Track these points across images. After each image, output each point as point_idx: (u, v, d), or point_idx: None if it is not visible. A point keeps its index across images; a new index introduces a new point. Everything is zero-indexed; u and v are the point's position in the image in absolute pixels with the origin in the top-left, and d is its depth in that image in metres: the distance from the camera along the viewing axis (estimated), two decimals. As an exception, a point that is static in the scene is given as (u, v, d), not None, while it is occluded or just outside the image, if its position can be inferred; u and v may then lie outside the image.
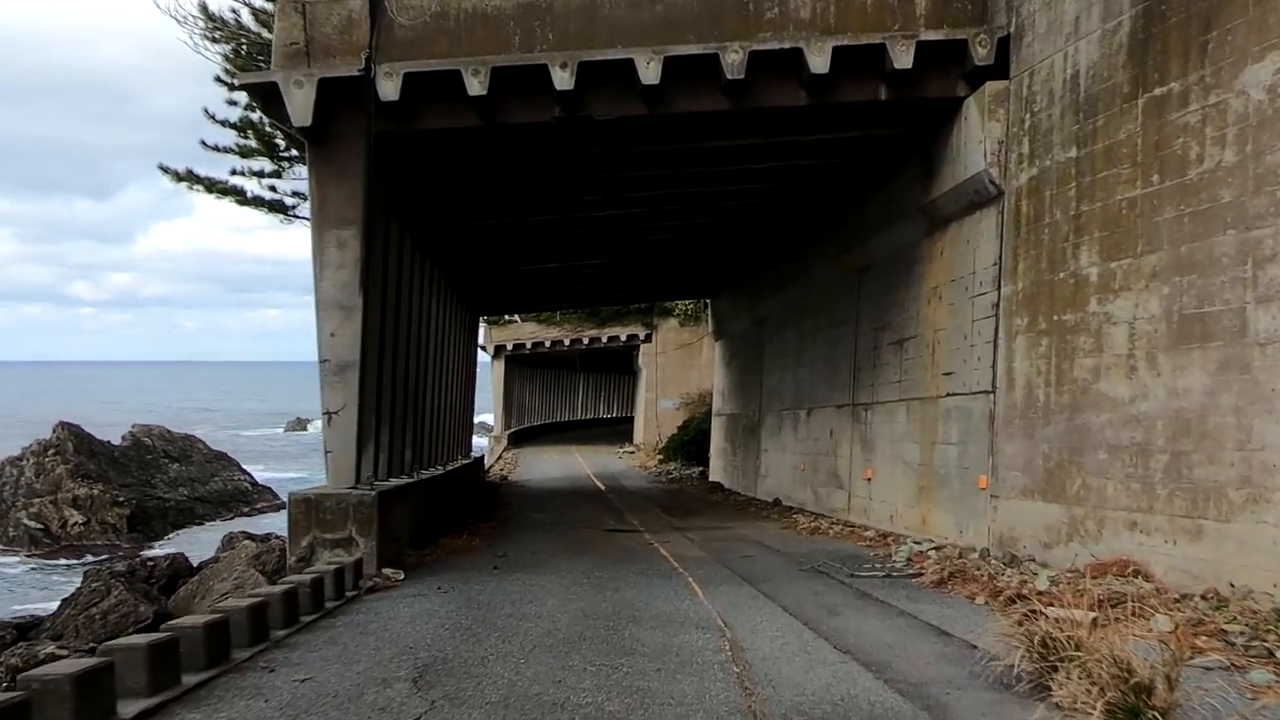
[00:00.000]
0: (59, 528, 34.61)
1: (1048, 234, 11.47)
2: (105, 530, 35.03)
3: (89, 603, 19.86)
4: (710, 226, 20.80)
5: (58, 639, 18.27)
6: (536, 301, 33.17)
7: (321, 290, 12.38)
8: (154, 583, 22.40)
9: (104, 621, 18.89)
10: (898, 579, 10.84)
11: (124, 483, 39.74)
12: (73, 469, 38.29)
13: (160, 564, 23.28)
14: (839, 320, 19.10)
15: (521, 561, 13.24)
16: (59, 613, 19.87)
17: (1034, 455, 11.50)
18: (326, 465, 12.61)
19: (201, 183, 24.19)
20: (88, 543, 33.51)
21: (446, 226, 18.69)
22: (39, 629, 19.51)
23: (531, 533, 17.02)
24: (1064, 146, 11.24)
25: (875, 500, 16.61)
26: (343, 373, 12.40)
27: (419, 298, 17.71)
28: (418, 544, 14.63)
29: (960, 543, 12.94)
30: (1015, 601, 8.48)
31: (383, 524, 12.19)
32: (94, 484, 37.68)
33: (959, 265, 13.75)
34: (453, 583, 11.36)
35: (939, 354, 14.31)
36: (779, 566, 12.24)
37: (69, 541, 33.55)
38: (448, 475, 20.35)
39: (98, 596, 20.10)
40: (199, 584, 19.79)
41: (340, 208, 12.32)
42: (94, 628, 18.52)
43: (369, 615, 9.31)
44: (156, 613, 18.82)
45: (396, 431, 15.76)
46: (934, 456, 14.25)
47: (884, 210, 16.18)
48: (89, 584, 20.59)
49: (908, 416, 15.37)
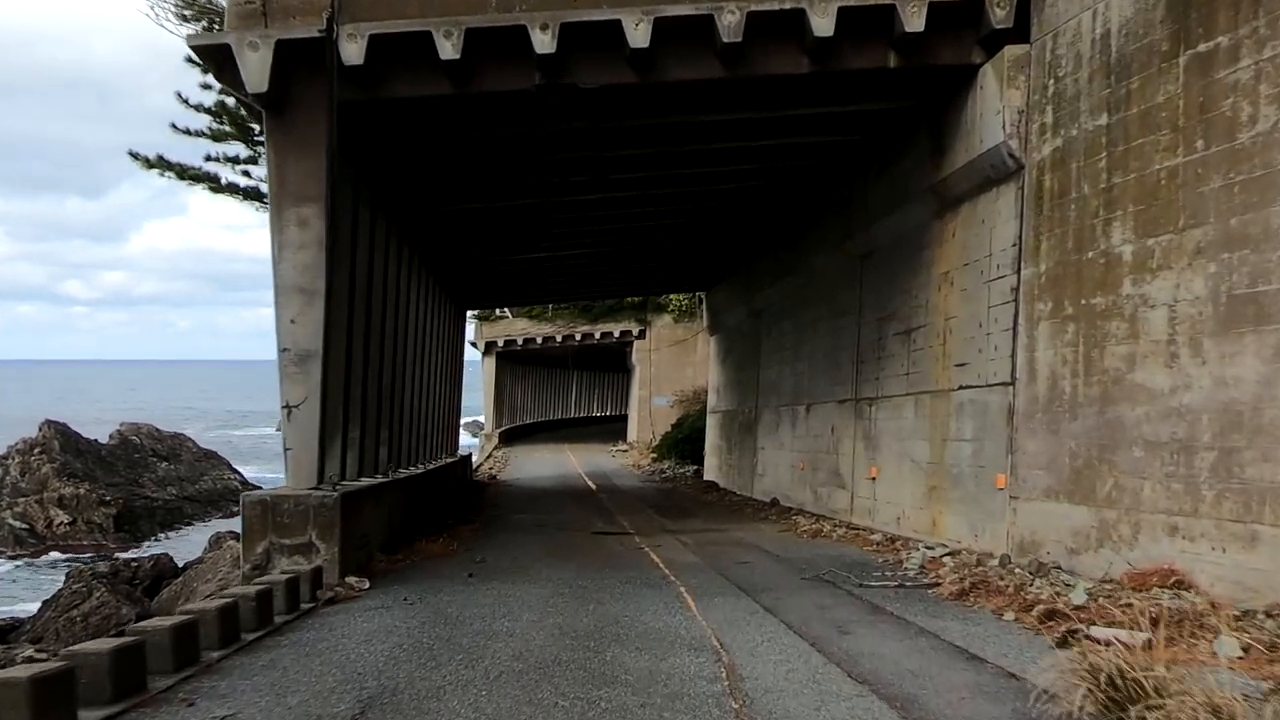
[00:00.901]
0: (44, 527, 34.18)
1: (1074, 210, 10.47)
2: (91, 530, 34.55)
3: (70, 605, 19.55)
4: (705, 212, 19.78)
5: (37, 642, 17.74)
6: (525, 294, 32.10)
7: (281, 273, 11.34)
8: (137, 584, 21.99)
9: (85, 624, 18.51)
10: (912, 590, 9.81)
11: (111, 482, 39.60)
12: (59, 468, 38.09)
13: (144, 565, 23.07)
14: (840, 310, 18.09)
15: (500, 568, 12.21)
16: (39, 615, 19.54)
17: (1059, 453, 10.50)
18: (286, 464, 11.58)
19: (173, 169, 23.07)
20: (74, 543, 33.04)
21: (425, 211, 17.65)
22: (18, 631, 19.26)
23: (514, 536, 15.99)
24: (1093, 114, 10.23)
25: (880, 501, 15.60)
26: (304, 363, 11.36)
27: (395, 286, 16.66)
28: (391, 548, 13.60)
29: (976, 547, 11.94)
30: (1051, 619, 7.47)
31: (347, 528, 11.16)
32: (80, 483, 37.42)
33: (973, 248, 12.75)
34: (422, 593, 10.33)
35: (951, 344, 13.30)
36: (779, 575, 11.22)
37: (55, 541, 33.11)
38: (428, 475, 19.31)
39: (79, 598, 19.78)
40: (183, 585, 19.36)
41: (301, 183, 11.28)
42: (74, 630, 18.10)
43: (320, 632, 8.27)
44: (139, 614, 18.61)
45: (369, 428, 14.72)
46: (945, 454, 13.25)
47: (889, 192, 15.17)
48: (70, 585, 20.26)
49: (916, 411, 14.36)
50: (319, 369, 11.38)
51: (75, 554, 31.21)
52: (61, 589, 20.36)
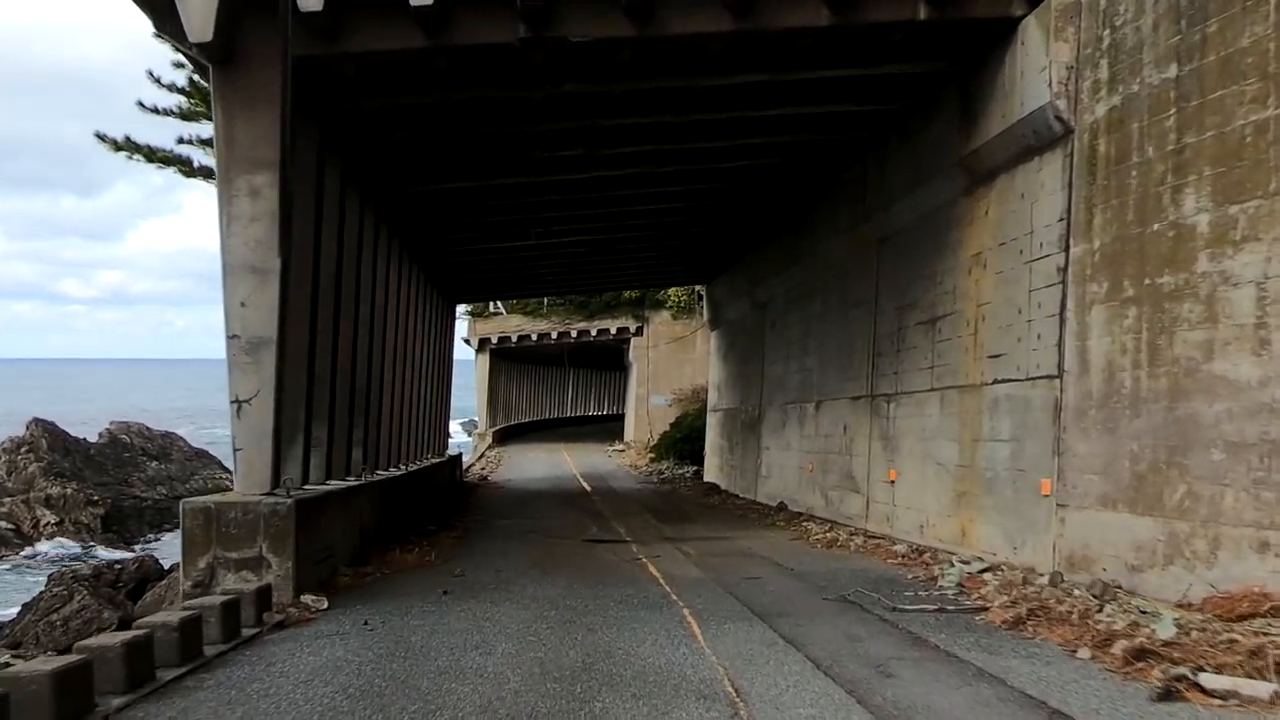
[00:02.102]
0: (31, 528, 33.77)
1: (1136, 177, 9.12)
2: (79, 530, 34.13)
3: (50, 608, 18.99)
4: (707, 195, 18.40)
5: (16, 646, 17.33)
6: (517, 287, 30.60)
7: (229, 249, 9.97)
8: (121, 587, 21.59)
9: (65, 628, 17.98)
10: (955, 615, 8.44)
11: (100, 481, 39.97)
12: (46, 467, 38.13)
13: (128, 567, 22.92)
14: (854, 300, 16.74)
15: (480, 583, 10.86)
16: (19, 619, 19.20)
17: (1117, 455, 9.16)
18: (235, 466, 10.22)
19: (140, 151, 21.71)
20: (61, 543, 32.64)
21: (406, 191, 16.29)
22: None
23: (500, 544, 14.64)
24: (1158, 65, 8.89)
25: (900, 507, 14.26)
26: (256, 352, 9.99)
27: (372, 270, 15.30)
28: (360, 559, 12.26)
29: (1015, 561, 10.60)
30: (1140, 659, 6.10)
31: (304, 539, 9.81)
32: (68, 483, 37.44)
33: (1010, 226, 11.40)
34: (387, 614, 8.99)
35: (983, 333, 11.96)
36: (797, 594, 9.85)
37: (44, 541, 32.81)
38: (409, 477, 17.95)
39: (59, 602, 19.19)
40: (168, 588, 18.79)
41: (252, 146, 9.90)
42: (54, 634, 17.67)
43: (255, 669, 6.91)
44: (121, 618, 18.27)
45: (339, 426, 13.37)
46: (977, 456, 11.91)
47: (912, 168, 13.83)
48: (51, 589, 19.78)
49: (942, 409, 13.02)
50: (273, 359, 10.01)
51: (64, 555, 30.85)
52: (42, 592, 19.86)
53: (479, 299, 38.70)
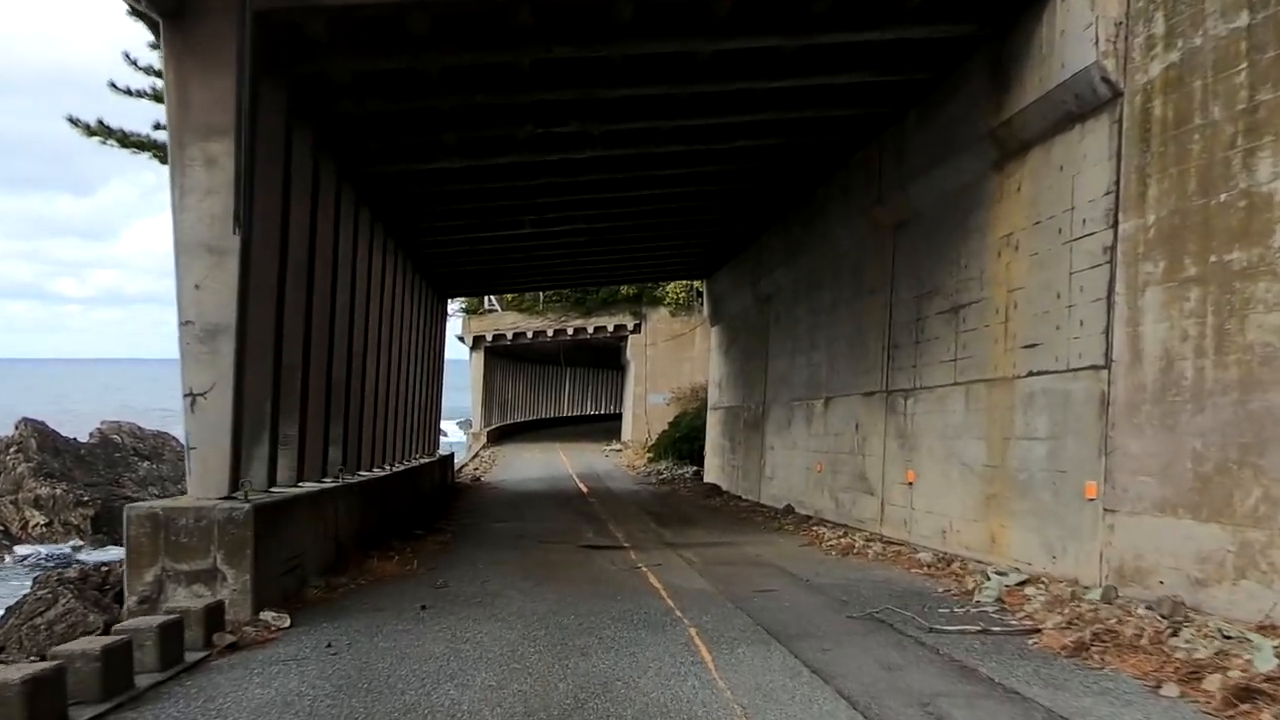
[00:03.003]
0: (19, 529, 33.31)
1: (1198, 141, 8.11)
2: (68, 531, 33.58)
3: (34, 612, 18.27)
4: (710, 177, 17.33)
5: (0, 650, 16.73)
6: (511, 280, 29.43)
7: (182, 225, 8.94)
8: (108, 590, 20.75)
9: (49, 632, 17.14)
10: (1003, 638, 7.41)
11: (90, 482, 39.95)
12: (35, 468, 37.58)
13: (115, 569, 21.66)
14: (867, 289, 15.72)
15: (463, 596, 9.84)
16: (1, 622, 18.44)
17: (1178, 454, 8.14)
18: (188, 467, 9.19)
19: (114, 136, 20.63)
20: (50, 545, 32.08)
21: (388, 172, 15.24)
22: (-21, 639, 18.35)
23: (489, 550, 13.60)
24: (1225, 14, 7.88)
25: (920, 510, 13.23)
26: (212, 339, 8.97)
27: (352, 256, 14.25)
28: (335, 568, 11.24)
29: (1055, 572, 9.59)
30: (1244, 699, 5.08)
31: (265, 548, 8.79)
32: (57, 483, 36.77)
33: (1047, 202, 10.38)
34: (355, 634, 7.96)
35: (1015, 322, 10.94)
36: (817, 610, 8.81)
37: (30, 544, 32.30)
38: (394, 478, 16.92)
39: (43, 605, 18.49)
40: None
41: (208, 110, 8.89)
42: (38, 639, 16.87)
43: (189, 707, 5.88)
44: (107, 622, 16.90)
45: (314, 423, 12.33)
46: (1008, 455, 10.89)
47: (933, 143, 12.80)
48: (36, 591, 18.99)
49: (967, 404, 12.00)
50: (232, 348, 8.99)
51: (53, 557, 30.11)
52: (26, 595, 19.02)
53: (472, 293, 37.57)
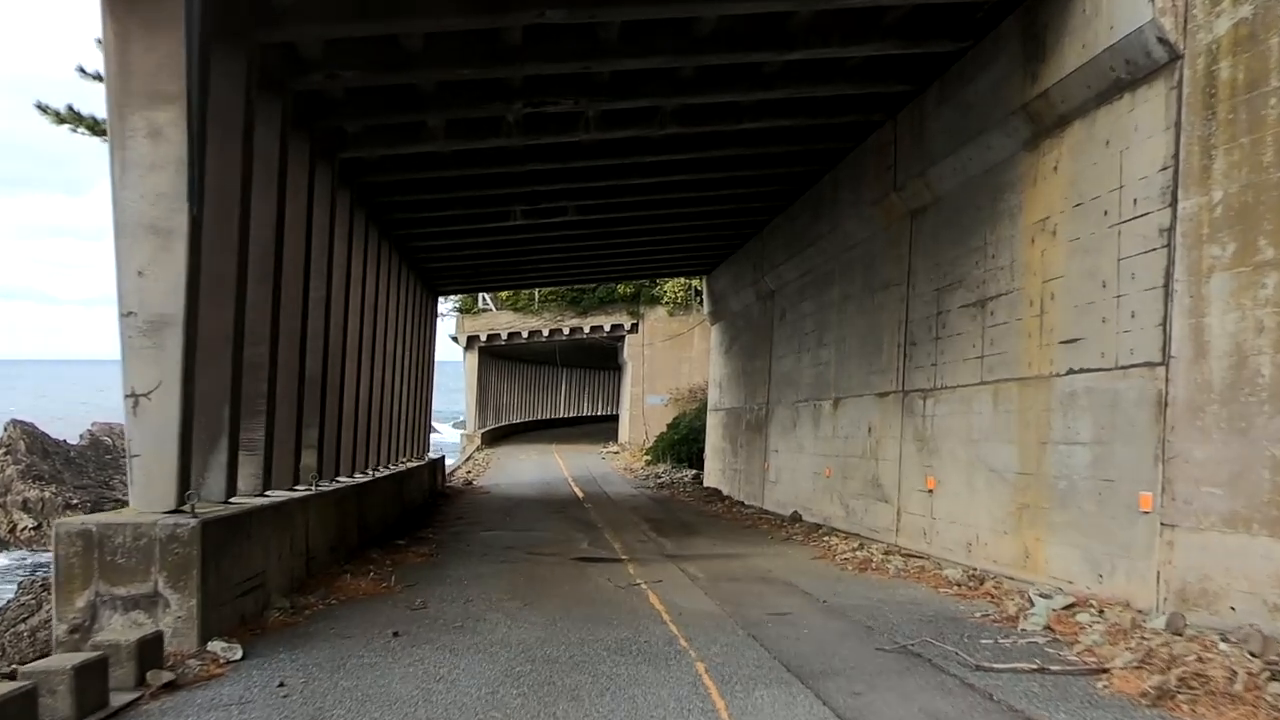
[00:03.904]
0: (8, 533, 32.91)
1: (1276, 106, 7.12)
2: None
3: (17, 618, 18.22)
4: (711, 163, 16.25)
5: None
6: (505, 275, 28.21)
7: (122, 204, 7.92)
8: None
9: (33, 639, 17.12)
10: (1064, 678, 6.39)
11: (80, 484, 39.47)
12: (24, 470, 36.86)
13: None
14: (881, 283, 14.72)
15: (442, 619, 8.82)
16: None
17: (1252, 462, 7.15)
18: (130, 477, 8.16)
19: (84, 122, 19.60)
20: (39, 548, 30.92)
21: (370, 158, 14.26)
22: (-37, 647, 17.67)
23: (475, 564, 12.58)
24: (1309, -41, 6.89)
25: (942, 520, 12.23)
26: (157, 333, 7.95)
27: (328, 245, 13.22)
28: (304, 586, 10.23)
29: (1102, 593, 8.59)
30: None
31: (215, 568, 7.79)
32: (46, 485, 35.81)
33: (1089, 181, 9.38)
34: (313, 670, 6.95)
35: (1052, 314, 9.94)
36: (840, 638, 7.80)
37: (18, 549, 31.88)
38: (377, 484, 15.89)
39: (27, 612, 18.35)
40: None
41: (152, 76, 7.87)
42: (20, 646, 16.88)
43: (97, 771, 4.86)
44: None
45: (283, 426, 11.30)
46: (1045, 461, 9.89)
47: (956, 123, 11.81)
48: (20, 597, 18.95)
49: (995, 405, 11.00)
50: (179, 342, 7.97)
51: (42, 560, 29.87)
52: (10, 601, 18.86)
53: (464, 289, 36.40)
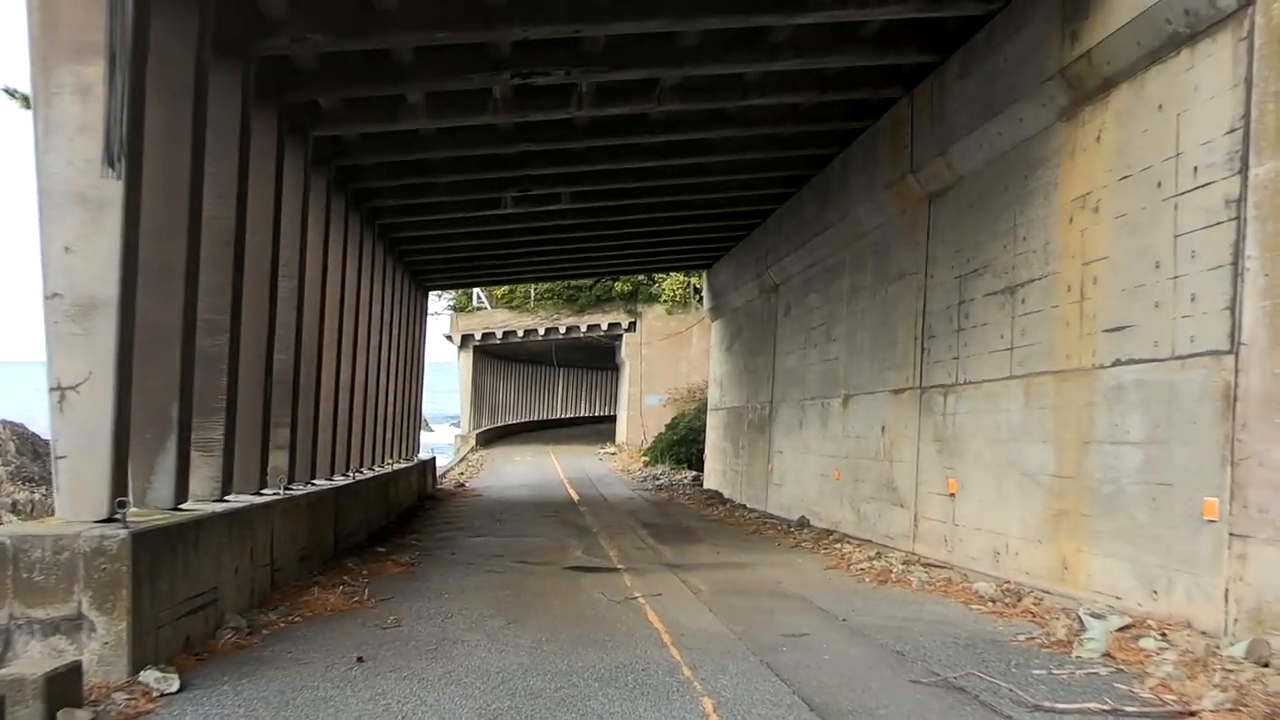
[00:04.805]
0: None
1: (1373, 52, 6.16)
2: None
3: None
4: (711, 146, 15.31)
5: None
6: (495, 269, 27.08)
7: (46, 171, 6.93)
8: None
9: None
10: (1137, 718, 5.45)
11: None
12: (13, 471, 35.18)
13: None
14: (896, 272, 13.76)
15: (415, 641, 7.84)
16: None
17: (1346, 464, 6.19)
18: (55, 482, 7.17)
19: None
20: None
21: (348, 137, 13.30)
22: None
23: (459, 574, 11.59)
24: None
25: (965, 527, 11.27)
26: (87, 318, 6.97)
27: (300, 228, 12.23)
28: (267, 601, 9.26)
29: (1157, 612, 7.63)
30: None
31: (151, 586, 6.80)
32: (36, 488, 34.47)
33: (1139, 150, 8.42)
34: (259, 705, 5.98)
35: (1095, 300, 8.97)
36: (868, 668, 6.82)
37: None
38: (356, 488, 14.89)
39: None
40: None
41: (80, 25, 6.90)
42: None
43: None
44: None
45: (247, 425, 10.31)
46: (1087, 463, 8.92)
47: (982, 94, 10.85)
48: None
49: (1027, 401, 10.04)
50: (113, 328, 6.99)
51: None
52: None
53: (455, 284, 35.31)
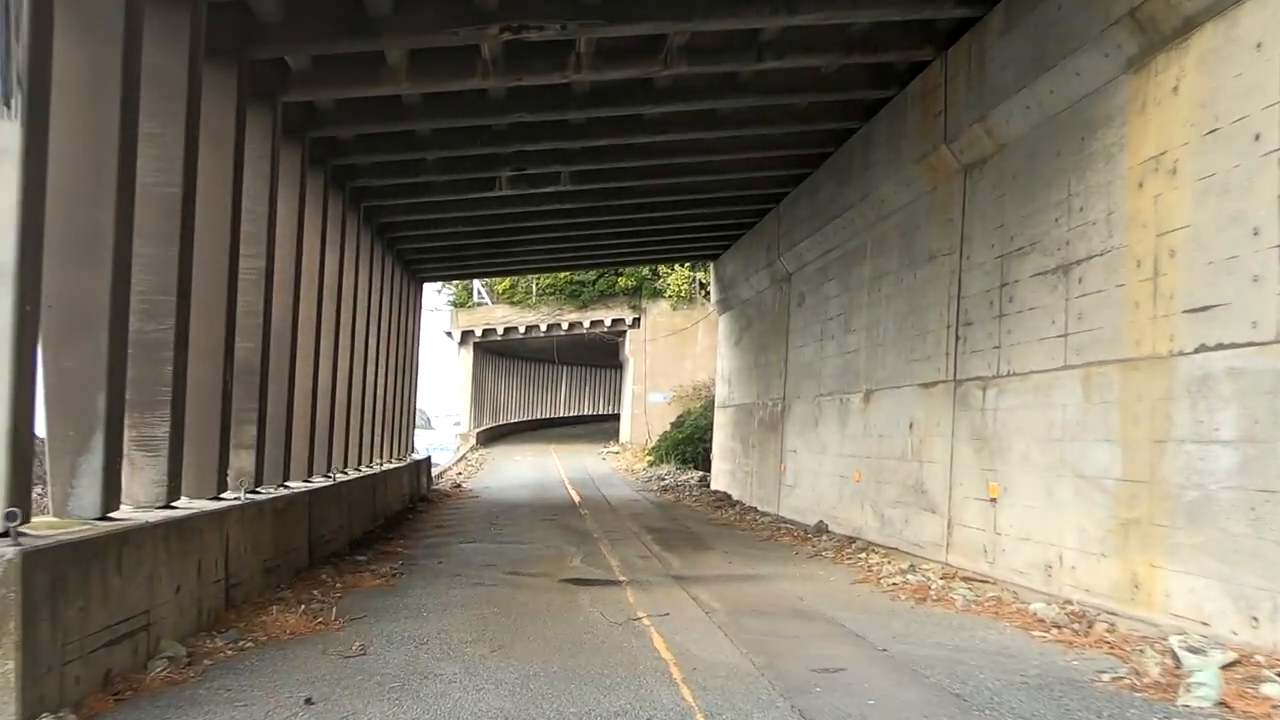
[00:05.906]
0: None
1: None
2: None
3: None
4: (719, 119, 14.07)
5: None
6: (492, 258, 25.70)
7: (-73, 112, 5.75)
8: None
9: None
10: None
11: None
12: None
13: None
14: (925, 254, 12.54)
15: (379, 675, 6.64)
16: None
17: None
18: (-66, 489, 5.97)
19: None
20: None
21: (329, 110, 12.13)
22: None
23: (443, 589, 10.39)
24: None
25: (1009, 536, 10.04)
26: (-22, 290, 5.78)
27: (271, 208, 11.04)
28: (220, 622, 8.08)
29: (1259, 643, 6.41)
30: None
31: (51, 616, 5.61)
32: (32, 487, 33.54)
33: (1229, 99, 7.20)
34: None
35: (1172, 276, 7.75)
36: (925, 716, 5.61)
37: None
38: (335, 490, 13.70)
39: None
40: None
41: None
42: None
43: None
44: None
45: (200, 421, 9.13)
46: (1163, 466, 7.70)
47: (1030, 48, 9.63)
48: None
49: (1086, 394, 8.81)
50: (9, 303, 5.81)
51: None
52: None
53: (450, 275, 33.96)
